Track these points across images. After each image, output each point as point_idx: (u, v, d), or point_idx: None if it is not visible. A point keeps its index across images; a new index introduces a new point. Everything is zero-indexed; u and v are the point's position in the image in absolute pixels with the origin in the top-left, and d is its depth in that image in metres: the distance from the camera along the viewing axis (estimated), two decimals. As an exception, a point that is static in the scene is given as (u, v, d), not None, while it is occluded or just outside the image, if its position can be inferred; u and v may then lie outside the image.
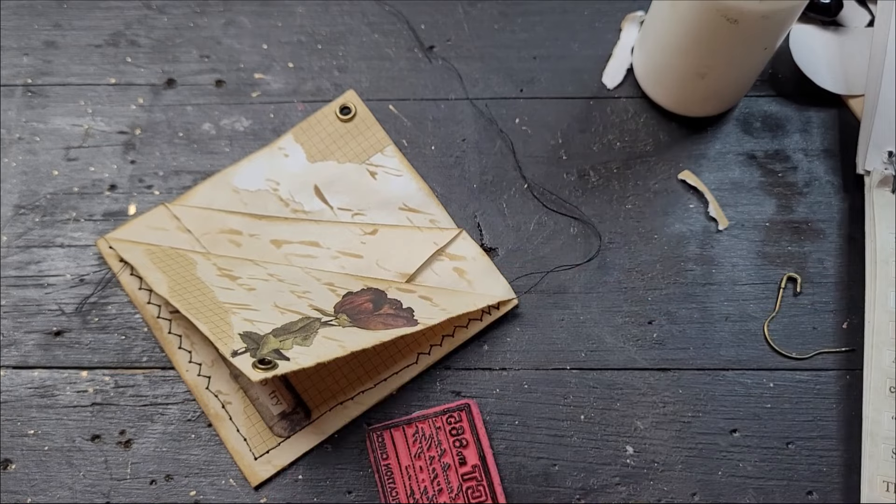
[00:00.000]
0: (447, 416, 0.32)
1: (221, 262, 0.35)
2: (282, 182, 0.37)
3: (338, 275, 0.35)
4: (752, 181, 0.38)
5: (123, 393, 0.34)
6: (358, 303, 0.34)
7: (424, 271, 0.36)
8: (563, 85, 0.40)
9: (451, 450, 0.32)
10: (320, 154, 0.38)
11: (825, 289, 0.36)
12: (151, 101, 0.39)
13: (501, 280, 0.36)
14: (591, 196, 0.38)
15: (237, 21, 0.41)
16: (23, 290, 0.35)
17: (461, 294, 0.35)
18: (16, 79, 0.39)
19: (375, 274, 0.36)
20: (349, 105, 0.38)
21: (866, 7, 0.42)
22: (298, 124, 0.38)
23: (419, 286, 0.35)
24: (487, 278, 0.36)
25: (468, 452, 0.32)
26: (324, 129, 0.38)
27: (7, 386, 0.34)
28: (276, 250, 0.36)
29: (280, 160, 0.37)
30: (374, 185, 0.37)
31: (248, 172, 0.37)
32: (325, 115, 0.38)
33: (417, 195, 0.37)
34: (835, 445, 0.34)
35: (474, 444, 0.32)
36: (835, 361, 0.35)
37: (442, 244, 0.36)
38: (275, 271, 0.35)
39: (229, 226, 0.36)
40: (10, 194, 0.37)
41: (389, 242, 0.36)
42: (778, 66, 0.40)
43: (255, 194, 0.37)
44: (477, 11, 0.41)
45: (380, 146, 0.38)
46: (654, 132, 0.39)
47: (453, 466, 0.32)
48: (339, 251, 0.36)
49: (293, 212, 0.37)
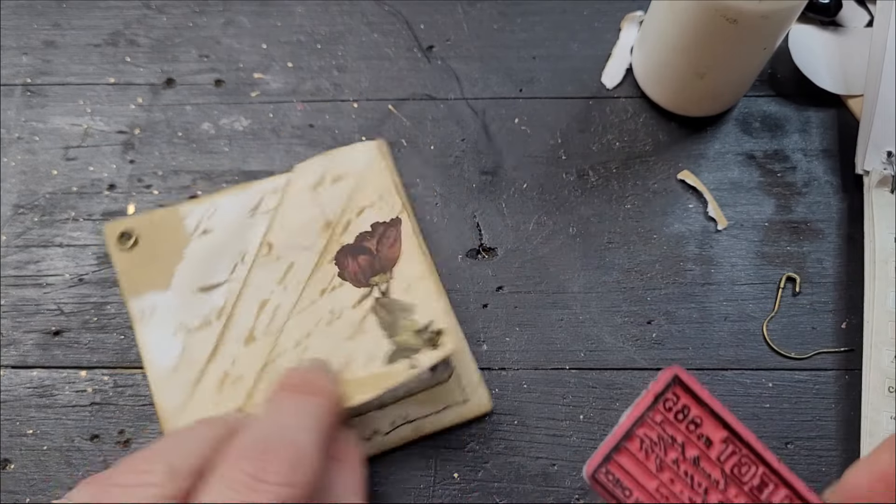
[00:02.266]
0: (662, 402, 0.25)
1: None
2: None
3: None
4: (751, 181, 0.38)
5: (122, 392, 0.34)
6: None
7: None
8: (562, 85, 0.40)
9: (689, 438, 0.25)
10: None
11: (824, 289, 0.36)
12: (151, 100, 0.39)
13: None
14: (590, 196, 0.38)
15: (236, 21, 0.41)
16: (21, 290, 0.35)
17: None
18: (15, 78, 0.39)
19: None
20: (127, 230, 0.35)
21: (865, 7, 0.42)
22: (121, 287, 0.34)
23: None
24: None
25: (709, 429, 0.25)
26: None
27: (6, 386, 0.34)
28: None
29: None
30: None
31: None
32: (117, 257, 0.35)
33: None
34: (834, 445, 0.34)
35: (710, 416, 0.25)
36: (834, 361, 0.35)
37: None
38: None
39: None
40: (10, 194, 0.37)
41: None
42: (777, 66, 0.40)
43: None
44: (476, 11, 0.41)
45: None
46: (654, 132, 0.39)
47: (703, 454, 0.25)
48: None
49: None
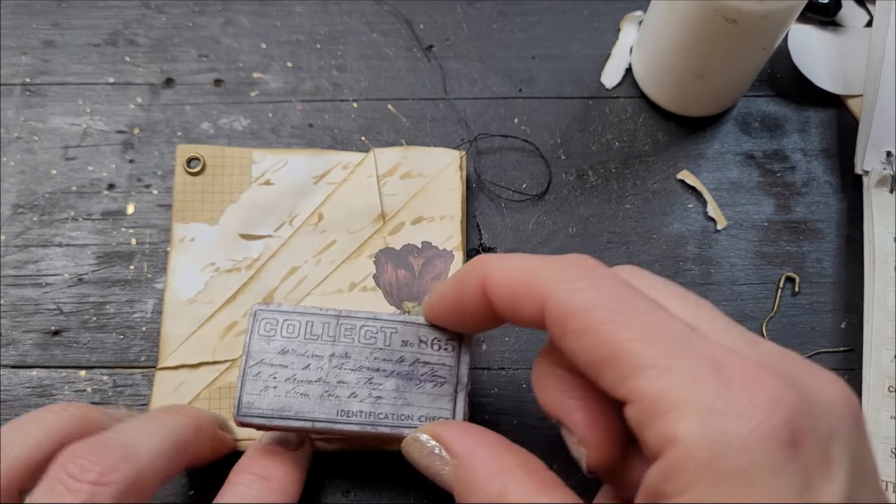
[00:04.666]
0: None
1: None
2: (215, 261, 0.35)
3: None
4: (750, 181, 0.38)
5: (122, 392, 0.34)
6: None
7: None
8: (561, 85, 0.40)
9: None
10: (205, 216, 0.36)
11: (823, 289, 0.36)
12: (150, 100, 0.39)
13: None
14: (589, 196, 0.38)
15: (236, 20, 0.41)
16: (21, 290, 0.35)
17: None
18: (14, 78, 0.39)
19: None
20: (196, 156, 0.36)
21: (865, 7, 0.42)
22: (173, 209, 0.36)
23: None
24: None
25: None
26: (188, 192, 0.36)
27: (6, 385, 0.34)
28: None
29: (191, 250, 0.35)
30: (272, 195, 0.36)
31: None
32: (180, 178, 0.36)
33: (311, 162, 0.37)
34: (833, 445, 0.34)
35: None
36: (833, 361, 0.35)
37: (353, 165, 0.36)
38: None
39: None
40: (9, 193, 0.37)
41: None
42: (776, 66, 0.40)
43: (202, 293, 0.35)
44: (476, 11, 0.41)
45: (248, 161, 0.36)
46: (653, 132, 0.39)
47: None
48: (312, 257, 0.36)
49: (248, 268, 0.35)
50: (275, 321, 0.29)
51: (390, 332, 0.29)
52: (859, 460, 0.20)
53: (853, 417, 0.21)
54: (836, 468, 0.19)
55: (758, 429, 0.18)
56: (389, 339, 0.29)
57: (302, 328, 0.29)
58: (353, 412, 0.28)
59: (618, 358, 0.20)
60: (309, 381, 0.28)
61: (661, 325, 0.20)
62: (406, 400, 0.28)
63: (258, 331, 0.29)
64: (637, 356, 0.20)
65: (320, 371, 0.28)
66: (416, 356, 0.29)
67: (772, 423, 0.18)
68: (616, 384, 0.20)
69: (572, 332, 0.21)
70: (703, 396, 0.19)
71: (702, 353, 0.20)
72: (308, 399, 0.28)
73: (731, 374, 0.19)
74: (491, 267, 0.24)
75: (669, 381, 0.19)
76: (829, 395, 0.21)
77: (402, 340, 0.29)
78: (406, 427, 0.28)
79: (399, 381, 0.28)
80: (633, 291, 0.22)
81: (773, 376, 0.19)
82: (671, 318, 0.21)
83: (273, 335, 0.29)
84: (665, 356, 0.20)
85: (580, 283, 0.22)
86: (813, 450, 0.19)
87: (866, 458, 0.21)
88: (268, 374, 0.28)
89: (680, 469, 0.18)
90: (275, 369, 0.28)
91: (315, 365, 0.28)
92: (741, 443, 0.18)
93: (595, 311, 0.21)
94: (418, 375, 0.29)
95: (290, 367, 0.28)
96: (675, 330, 0.20)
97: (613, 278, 0.22)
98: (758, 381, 0.19)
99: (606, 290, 0.21)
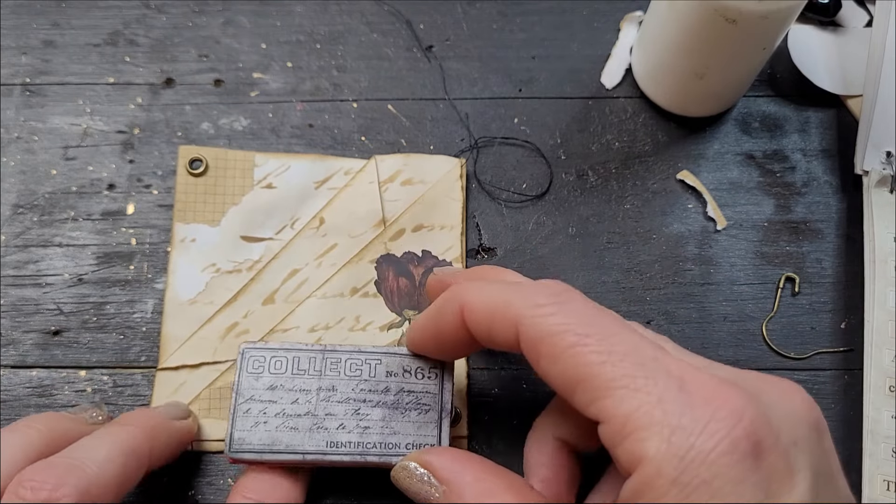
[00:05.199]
0: None
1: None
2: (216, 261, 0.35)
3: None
4: (750, 181, 0.38)
5: (122, 392, 0.34)
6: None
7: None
8: (561, 85, 0.40)
9: None
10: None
11: (823, 289, 0.36)
12: (150, 100, 0.39)
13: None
14: (589, 196, 0.38)
15: (236, 20, 0.41)
16: (21, 290, 0.35)
17: None
18: (14, 78, 0.39)
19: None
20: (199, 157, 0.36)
21: (865, 7, 0.42)
22: (175, 209, 0.36)
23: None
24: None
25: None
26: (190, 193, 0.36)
27: (5, 385, 0.34)
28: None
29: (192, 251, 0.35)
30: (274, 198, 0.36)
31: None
32: (182, 179, 0.36)
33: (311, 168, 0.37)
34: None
35: None
36: (833, 361, 0.35)
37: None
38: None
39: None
40: (9, 193, 0.37)
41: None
42: (776, 66, 0.40)
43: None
44: (476, 11, 0.41)
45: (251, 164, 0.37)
46: (653, 132, 0.39)
47: None
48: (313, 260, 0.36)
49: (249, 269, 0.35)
50: (262, 358, 0.30)
51: (375, 364, 0.30)
52: (822, 465, 0.21)
53: (814, 424, 0.22)
54: (799, 475, 0.20)
55: (721, 443, 0.19)
56: (374, 370, 0.30)
57: (289, 364, 0.30)
58: (342, 443, 0.29)
59: (588, 380, 0.21)
60: (298, 415, 0.29)
61: (628, 346, 0.21)
62: (392, 429, 0.29)
63: (246, 368, 0.30)
64: (605, 378, 0.21)
65: (308, 405, 0.29)
66: (400, 386, 0.30)
67: (733, 436, 0.19)
68: (587, 405, 0.21)
69: (545, 357, 0.22)
70: (669, 415, 0.20)
71: (667, 373, 0.21)
72: (298, 432, 0.29)
73: (694, 391, 0.20)
74: (467, 296, 0.26)
75: (637, 401, 0.20)
76: (790, 405, 0.22)
77: (387, 371, 0.30)
78: (394, 455, 0.29)
79: (385, 411, 0.29)
80: (602, 313, 0.23)
81: (734, 391, 0.20)
82: (639, 338, 0.22)
83: (261, 372, 0.29)
84: (632, 377, 0.21)
85: (550, 308, 0.23)
86: (775, 459, 0.20)
87: (830, 462, 0.22)
88: (257, 410, 0.29)
89: (649, 486, 0.20)
90: (264, 405, 0.29)
91: (303, 399, 0.29)
92: (705, 457, 0.19)
93: (565, 335, 0.22)
94: (403, 404, 0.29)
95: (279, 403, 0.29)
96: (642, 350, 0.21)
97: (582, 302, 0.23)
98: (720, 396, 0.20)
99: (575, 314, 0.23)
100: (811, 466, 0.20)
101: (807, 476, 0.20)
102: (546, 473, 0.27)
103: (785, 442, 0.20)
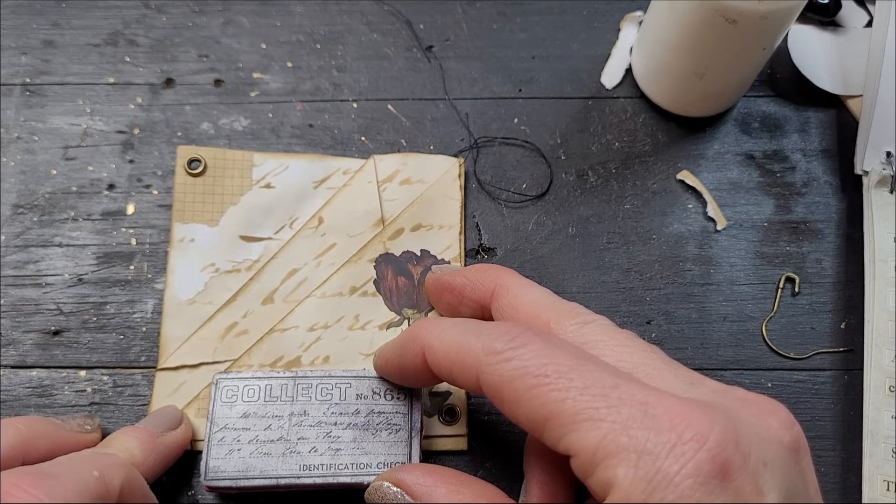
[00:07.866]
0: None
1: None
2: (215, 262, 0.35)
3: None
4: (750, 181, 0.38)
5: (122, 392, 0.34)
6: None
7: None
8: (561, 85, 0.40)
9: None
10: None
11: (823, 289, 0.36)
12: (150, 100, 0.39)
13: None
14: (589, 196, 0.38)
15: (236, 20, 0.41)
16: (21, 290, 0.35)
17: None
18: (14, 78, 0.39)
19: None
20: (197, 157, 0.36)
21: (865, 7, 0.42)
22: (173, 209, 0.36)
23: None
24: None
25: None
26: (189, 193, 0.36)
27: (5, 385, 0.34)
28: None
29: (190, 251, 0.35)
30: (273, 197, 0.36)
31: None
32: (181, 179, 0.36)
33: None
34: (832, 445, 0.34)
35: None
36: (833, 361, 0.35)
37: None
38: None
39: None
40: (9, 193, 0.37)
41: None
42: (776, 66, 0.40)
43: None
44: (476, 11, 0.41)
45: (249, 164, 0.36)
46: (653, 132, 0.39)
47: None
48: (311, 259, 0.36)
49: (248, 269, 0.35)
50: (235, 388, 0.30)
51: (345, 388, 0.30)
52: (796, 486, 0.21)
53: (791, 444, 0.22)
54: (768, 497, 0.20)
55: (685, 465, 0.19)
56: (344, 393, 0.30)
57: (261, 392, 0.30)
58: (314, 465, 0.29)
59: (553, 418, 0.22)
60: (271, 441, 0.29)
61: (587, 379, 0.22)
62: (364, 449, 0.29)
63: (220, 398, 0.30)
64: (569, 413, 0.21)
65: (281, 430, 0.30)
66: (370, 407, 0.30)
67: (698, 458, 0.19)
68: (556, 441, 0.22)
69: (508, 402, 0.23)
70: (635, 440, 0.20)
71: (630, 400, 0.21)
72: (271, 458, 0.29)
73: (659, 415, 0.20)
74: (428, 340, 0.26)
75: (603, 431, 0.20)
76: (764, 425, 0.22)
77: (357, 394, 0.30)
78: (365, 475, 0.29)
79: (356, 432, 0.30)
80: (558, 350, 0.23)
81: (699, 412, 0.20)
82: (597, 369, 0.22)
83: (234, 401, 0.30)
84: (595, 408, 0.21)
85: (506, 353, 0.23)
86: (742, 481, 0.20)
87: (807, 482, 0.22)
88: (231, 437, 0.29)
89: None
90: (238, 433, 0.29)
91: (276, 425, 0.30)
92: (670, 480, 0.19)
93: (524, 378, 0.22)
94: (374, 425, 0.30)
95: (252, 430, 0.30)
96: (602, 380, 0.22)
97: (539, 342, 0.23)
98: (685, 419, 0.20)
99: (531, 356, 0.23)
100: (782, 487, 0.20)
101: (776, 497, 0.20)
102: (545, 476, 0.27)
103: (754, 463, 0.20)
